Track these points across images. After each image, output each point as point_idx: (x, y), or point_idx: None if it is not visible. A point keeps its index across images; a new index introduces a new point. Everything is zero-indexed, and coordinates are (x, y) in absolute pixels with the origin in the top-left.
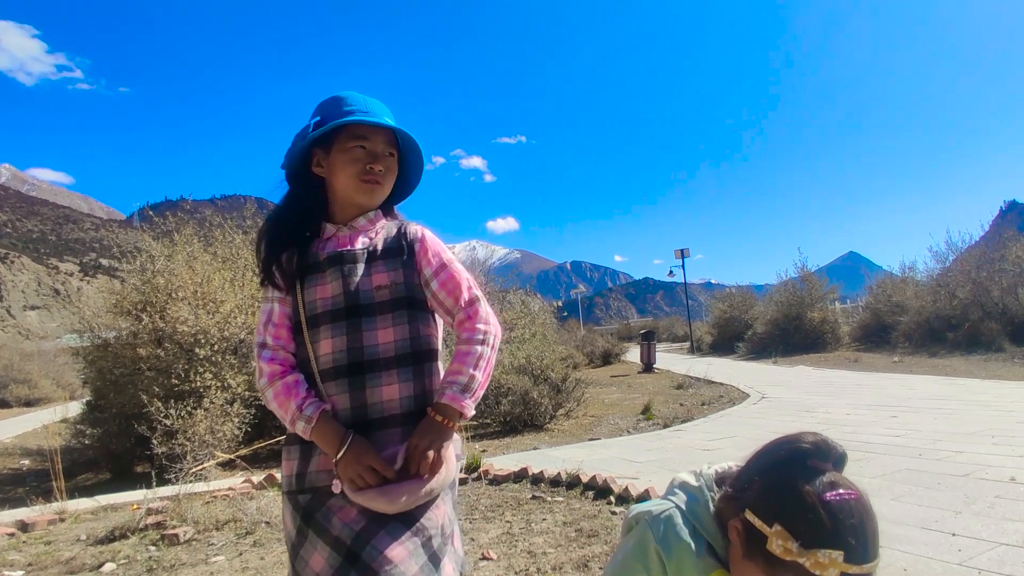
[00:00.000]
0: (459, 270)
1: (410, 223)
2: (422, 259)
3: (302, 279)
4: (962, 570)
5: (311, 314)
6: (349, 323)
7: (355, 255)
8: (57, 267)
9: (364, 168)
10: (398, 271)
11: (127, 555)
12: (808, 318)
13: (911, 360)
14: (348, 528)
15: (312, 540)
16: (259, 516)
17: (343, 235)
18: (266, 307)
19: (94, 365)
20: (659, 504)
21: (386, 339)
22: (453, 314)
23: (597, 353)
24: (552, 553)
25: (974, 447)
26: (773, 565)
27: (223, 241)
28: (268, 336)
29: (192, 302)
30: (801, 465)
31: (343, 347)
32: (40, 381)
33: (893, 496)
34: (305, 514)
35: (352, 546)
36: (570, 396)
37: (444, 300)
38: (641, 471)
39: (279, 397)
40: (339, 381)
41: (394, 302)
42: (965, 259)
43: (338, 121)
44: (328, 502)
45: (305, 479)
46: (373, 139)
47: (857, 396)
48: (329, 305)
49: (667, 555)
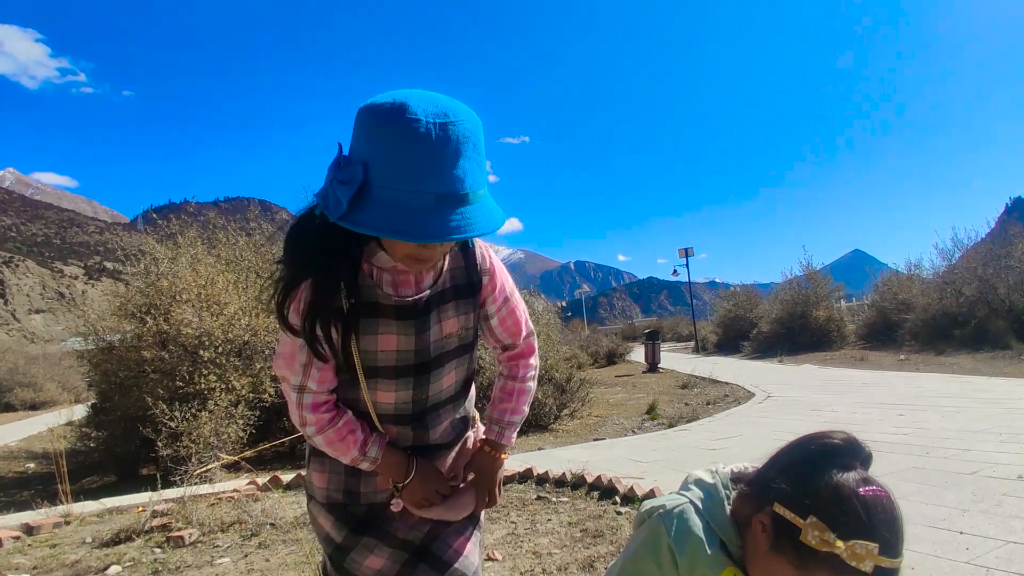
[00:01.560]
0: (519, 302)
1: (479, 244)
2: (488, 295)
3: (355, 327)
4: (970, 568)
5: (369, 365)
6: (417, 379)
7: (427, 303)
8: (61, 270)
9: (415, 251)
10: (468, 315)
11: (132, 558)
12: (813, 316)
13: (917, 358)
14: (415, 530)
15: (367, 544)
16: (264, 518)
17: (404, 270)
18: (300, 343)
19: (99, 368)
20: (673, 499)
21: (449, 383)
22: (505, 346)
23: (601, 353)
24: (557, 554)
25: (981, 445)
26: (804, 558)
27: (227, 243)
28: (311, 381)
29: (196, 304)
30: (833, 460)
31: (408, 399)
32: (45, 384)
33: (900, 494)
34: (359, 524)
35: (422, 543)
36: (575, 396)
37: (501, 335)
38: (646, 471)
39: (334, 444)
40: (402, 426)
41: (460, 348)
42: (971, 256)
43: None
44: (386, 513)
45: (358, 496)
46: None
47: (863, 394)
48: (393, 360)
49: (679, 551)
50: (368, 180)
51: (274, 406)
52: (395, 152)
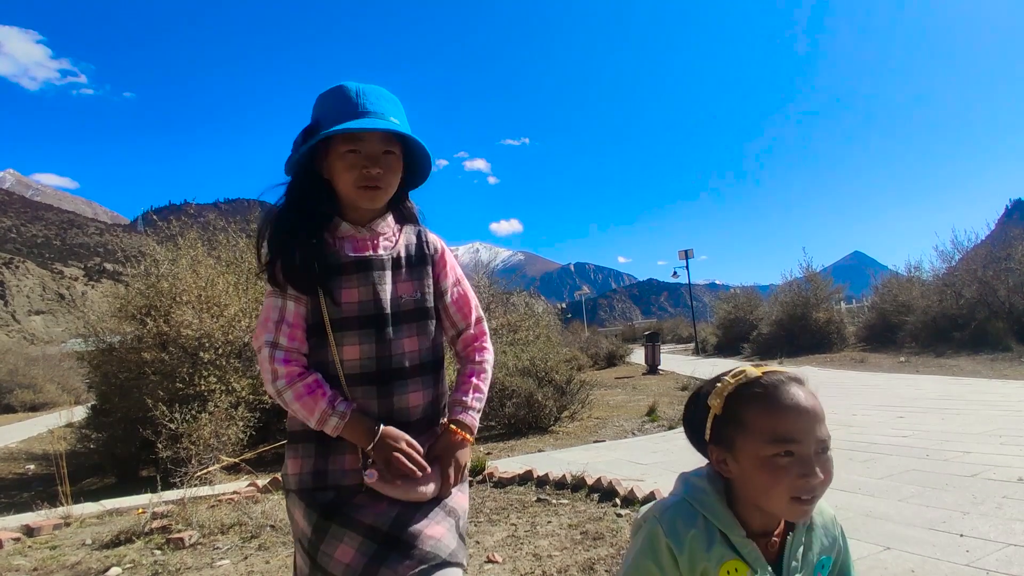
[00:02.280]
0: (470, 289)
1: (428, 231)
2: (440, 271)
3: (323, 280)
4: (970, 571)
5: (336, 318)
6: (378, 331)
7: (382, 261)
8: (62, 272)
9: (360, 175)
10: (421, 281)
11: (132, 559)
12: (813, 318)
13: (917, 360)
14: (383, 516)
15: (335, 533)
16: (264, 520)
17: (362, 237)
18: (275, 303)
19: (99, 370)
20: (667, 500)
21: (411, 348)
22: (459, 329)
23: (601, 355)
24: (558, 556)
25: (981, 447)
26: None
27: (227, 245)
28: (282, 336)
29: (196, 306)
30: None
31: (372, 354)
32: (45, 386)
33: (900, 497)
34: (326, 511)
35: (390, 531)
36: (575, 398)
37: (453, 315)
38: (646, 473)
39: (303, 398)
40: (367, 387)
41: (417, 312)
42: (971, 258)
43: (322, 134)
44: (355, 499)
45: (326, 476)
46: (368, 140)
47: (863, 396)
48: (356, 311)
49: (678, 548)
50: (318, 121)
51: (274, 408)
52: (332, 99)
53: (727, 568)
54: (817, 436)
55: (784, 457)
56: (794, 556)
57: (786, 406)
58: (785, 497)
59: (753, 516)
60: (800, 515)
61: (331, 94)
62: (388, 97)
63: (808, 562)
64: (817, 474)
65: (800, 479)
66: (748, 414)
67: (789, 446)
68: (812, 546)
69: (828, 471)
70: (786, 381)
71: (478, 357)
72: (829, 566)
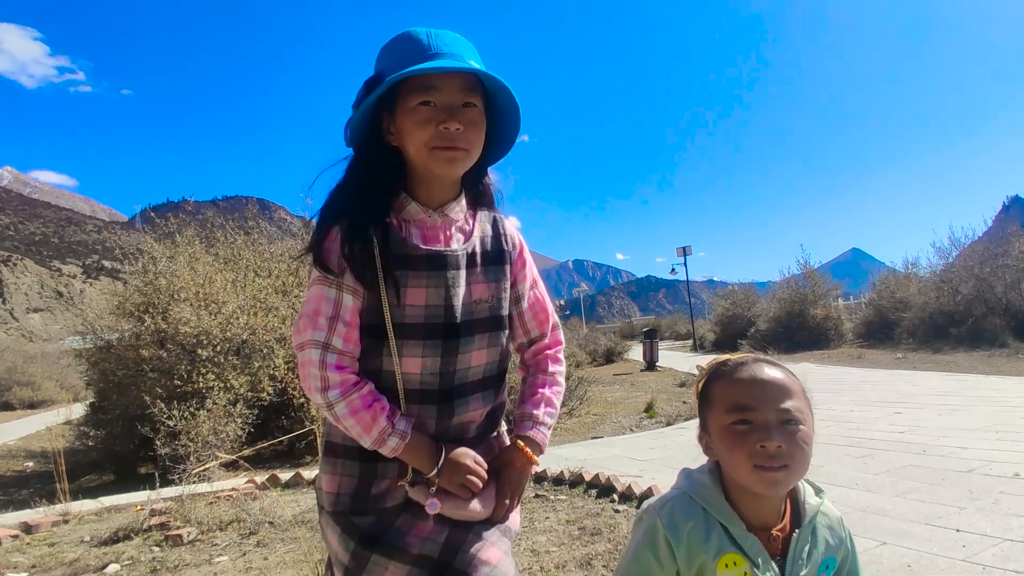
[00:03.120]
0: (545, 290)
1: (506, 219)
2: (519, 271)
3: (386, 273)
4: (966, 566)
5: (398, 321)
6: (445, 343)
7: (456, 258)
8: (60, 269)
9: (436, 131)
10: (499, 283)
11: (131, 556)
12: (811, 315)
13: (915, 356)
14: (431, 542)
15: (378, 562)
16: (262, 516)
17: (432, 223)
18: (328, 295)
19: (97, 367)
20: (667, 493)
21: (479, 361)
22: (532, 338)
23: (600, 351)
24: (555, 551)
25: (978, 443)
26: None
27: (225, 242)
28: (336, 337)
29: (194, 303)
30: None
31: (435, 369)
32: (43, 383)
33: (897, 492)
34: (366, 538)
35: (441, 558)
36: (573, 395)
37: (528, 322)
38: (644, 469)
39: (358, 412)
40: (426, 406)
41: (491, 320)
42: (968, 255)
43: (388, 79)
44: (396, 523)
45: (367, 500)
46: (445, 88)
47: (861, 393)
48: (421, 317)
49: (675, 540)
50: (381, 72)
51: (272, 405)
52: (398, 46)
53: (725, 560)
54: (778, 406)
55: (741, 425)
56: (800, 553)
57: (744, 378)
58: (747, 465)
59: (750, 509)
60: (766, 485)
61: (397, 41)
62: (465, 42)
63: (813, 561)
64: (774, 437)
65: (759, 446)
66: (714, 391)
67: (745, 414)
68: (817, 544)
69: (795, 443)
70: (750, 361)
71: (552, 368)
72: (834, 567)
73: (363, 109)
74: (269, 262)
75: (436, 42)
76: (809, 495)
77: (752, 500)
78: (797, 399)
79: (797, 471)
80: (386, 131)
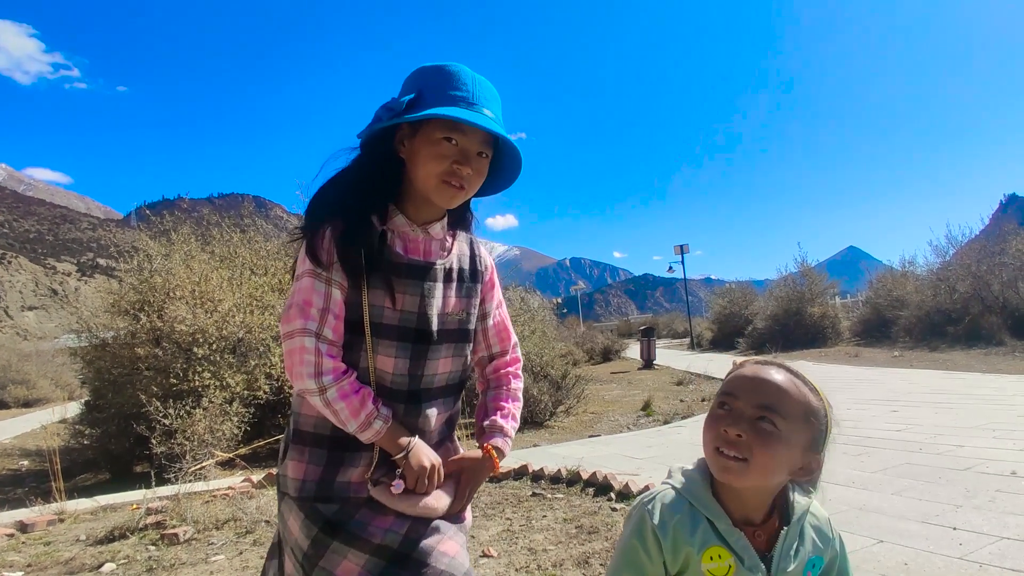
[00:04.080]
0: (507, 312)
1: (480, 244)
2: (488, 292)
3: (370, 275)
4: (963, 564)
5: (376, 321)
6: (416, 347)
7: (435, 271)
8: (54, 267)
9: (450, 168)
10: (470, 299)
11: (127, 555)
12: (808, 313)
13: (911, 354)
14: (392, 533)
15: (338, 549)
16: (259, 515)
17: (415, 237)
18: (318, 287)
19: (92, 365)
20: (656, 489)
21: (444, 369)
22: (493, 353)
23: (597, 350)
24: (553, 550)
25: (975, 441)
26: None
27: (221, 240)
28: (327, 328)
29: (190, 301)
30: None
31: (404, 371)
32: (38, 382)
33: (894, 490)
34: (329, 524)
35: (401, 548)
36: (570, 393)
37: (492, 338)
38: (641, 467)
39: (348, 397)
40: (394, 404)
41: (460, 332)
42: (965, 253)
43: (432, 112)
44: (358, 514)
45: (332, 488)
46: (470, 135)
47: (857, 391)
48: (397, 320)
49: (662, 532)
50: (421, 94)
51: (268, 403)
52: (442, 76)
53: (710, 553)
54: (758, 402)
55: (721, 408)
56: (787, 550)
57: (745, 372)
58: (711, 446)
59: (734, 504)
60: (718, 470)
61: (442, 71)
62: (496, 96)
63: (800, 559)
64: (738, 425)
65: (721, 429)
66: (725, 381)
67: (727, 399)
68: (804, 543)
69: (761, 440)
70: (764, 361)
71: (514, 384)
72: (820, 566)
73: (397, 119)
74: (265, 260)
75: (478, 91)
76: (798, 494)
77: (737, 495)
78: (786, 406)
79: (755, 469)
80: (399, 142)
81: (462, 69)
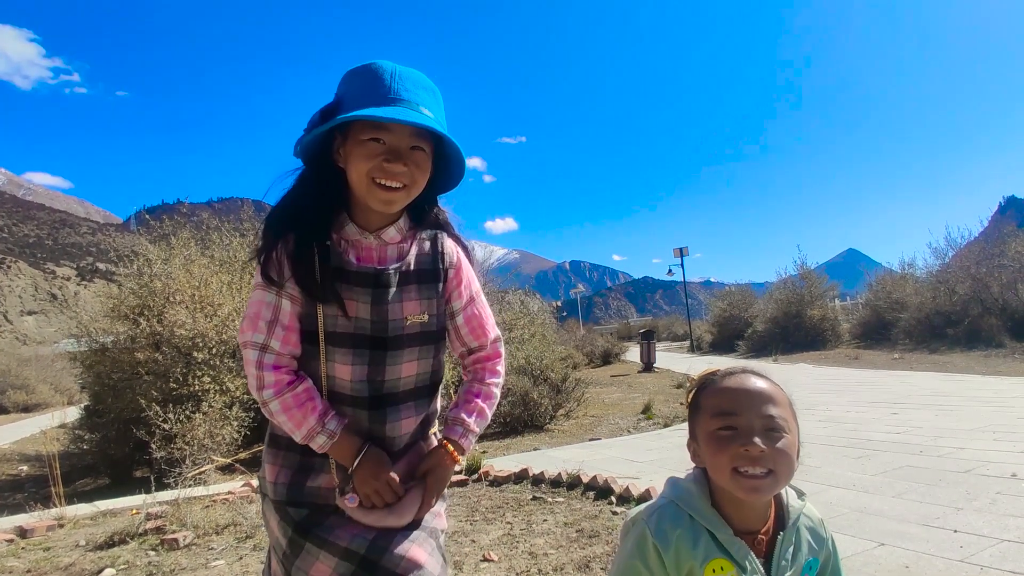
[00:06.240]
0: (485, 304)
1: (446, 239)
2: (454, 290)
3: (323, 286)
4: (964, 567)
5: (330, 330)
6: (373, 354)
7: (388, 277)
8: (54, 272)
9: (379, 167)
10: (431, 301)
11: (127, 560)
12: (808, 316)
13: (911, 357)
14: (359, 538)
15: (310, 551)
16: (259, 520)
17: (367, 245)
18: (268, 300)
19: (92, 370)
20: (654, 502)
21: (409, 372)
22: (471, 349)
23: (597, 353)
24: (553, 554)
25: (975, 443)
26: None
27: (220, 244)
28: (274, 340)
29: (190, 306)
30: None
31: (363, 377)
32: (38, 387)
33: (894, 493)
34: (299, 528)
35: (368, 554)
36: (570, 396)
37: (465, 335)
38: (642, 471)
39: (291, 410)
40: (357, 410)
41: (422, 335)
42: (964, 255)
43: (340, 118)
44: (327, 520)
45: (303, 493)
46: (396, 131)
47: (858, 393)
48: (351, 328)
49: (664, 547)
50: (341, 101)
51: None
52: (360, 78)
53: (713, 566)
54: (762, 412)
55: (726, 430)
56: (784, 555)
57: (730, 386)
58: (727, 468)
59: (735, 514)
60: (746, 490)
61: (361, 72)
62: (426, 85)
63: (797, 562)
64: (757, 444)
65: (742, 449)
66: (702, 399)
67: (729, 419)
68: (801, 546)
69: (776, 449)
70: (738, 371)
71: (489, 379)
72: (816, 568)
73: (313, 134)
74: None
75: (398, 85)
76: (792, 498)
77: (738, 505)
78: (782, 408)
79: (781, 478)
80: (336, 152)
81: (381, 65)
